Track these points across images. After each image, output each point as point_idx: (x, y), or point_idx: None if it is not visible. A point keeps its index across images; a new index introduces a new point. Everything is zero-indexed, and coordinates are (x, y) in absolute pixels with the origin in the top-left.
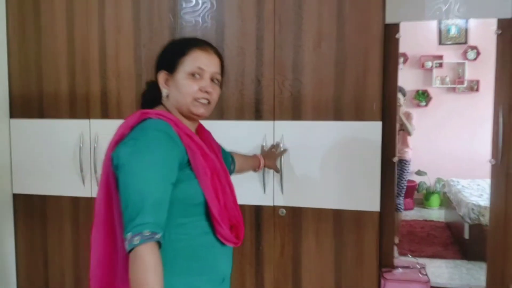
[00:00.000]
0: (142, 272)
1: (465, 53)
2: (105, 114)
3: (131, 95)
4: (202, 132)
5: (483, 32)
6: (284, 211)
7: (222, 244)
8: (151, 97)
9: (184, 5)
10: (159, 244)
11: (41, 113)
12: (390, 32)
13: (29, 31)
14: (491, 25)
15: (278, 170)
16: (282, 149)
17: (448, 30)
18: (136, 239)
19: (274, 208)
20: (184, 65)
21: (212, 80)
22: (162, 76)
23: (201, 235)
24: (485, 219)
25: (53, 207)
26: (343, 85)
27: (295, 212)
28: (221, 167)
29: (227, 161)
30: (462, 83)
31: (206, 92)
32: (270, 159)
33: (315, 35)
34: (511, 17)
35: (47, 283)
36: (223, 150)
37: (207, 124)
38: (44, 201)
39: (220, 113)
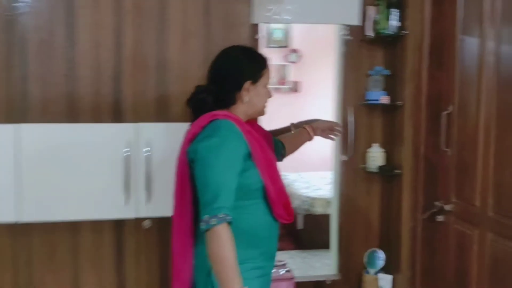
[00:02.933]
0: (220, 247)
1: (287, 56)
2: None
3: None
4: (253, 125)
5: (304, 37)
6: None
7: (276, 223)
8: (212, 102)
9: None
10: (229, 224)
11: None
12: (251, 32)
13: None
14: (312, 30)
15: (338, 125)
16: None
17: (273, 34)
18: (213, 220)
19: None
20: (264, 77)
21: None
22: (247, 86)
23: (261, 215)
24: (315, 209)
25: None
26: None
27: (164, 224)
28: (274, 157)
29: (278, 148)
30: (285, 84)
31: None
32: (319, 122)
33: (181, 32)
34: (357, 24)
35: None
36: (273, 139)
37: (56, 128)
38: None
39: (72, 115)
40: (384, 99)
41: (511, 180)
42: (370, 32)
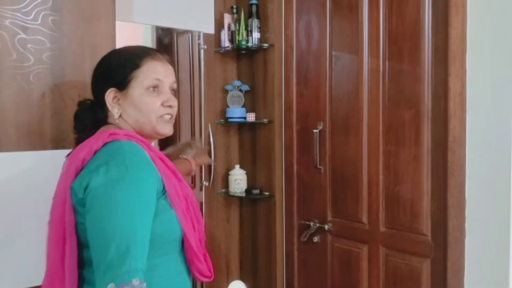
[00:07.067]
0: None
1: None
2: None
3: None
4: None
5: None
6: None
7: (190, 283)
8: (91, 119)
9: None
10: None
11: None
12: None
13: None
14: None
15: (211, 162)
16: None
17: None
18: None
19: None
20: (139, 79)
21: (171, 91)
22: (110, 95)
23: (175, 276)
24: None
25: None
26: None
27: None
28: (192, 193)
29: None
30: None
31: (169, 106)
32: (199, 155)
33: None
34: (214, 33)
35: None
36: None
37: None
38: None
39: None
40: (251, 117)
41: (407, 195)
42: (226, 43)
